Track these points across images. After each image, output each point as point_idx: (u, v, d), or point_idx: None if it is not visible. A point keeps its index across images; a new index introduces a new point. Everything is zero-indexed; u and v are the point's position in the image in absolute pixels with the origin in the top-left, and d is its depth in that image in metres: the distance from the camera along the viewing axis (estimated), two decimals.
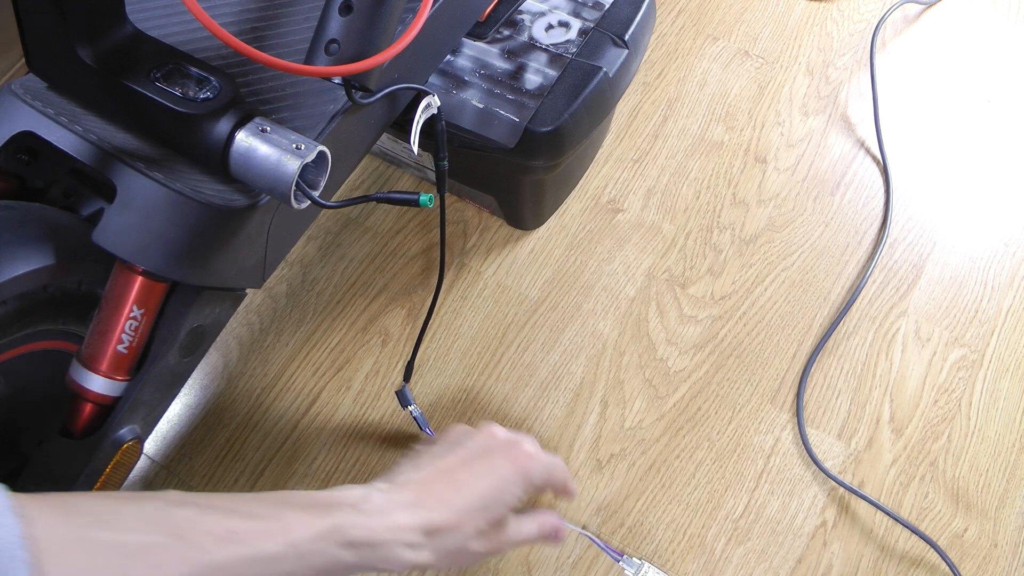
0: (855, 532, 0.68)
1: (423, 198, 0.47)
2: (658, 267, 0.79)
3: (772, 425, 0.72)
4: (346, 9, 0.44)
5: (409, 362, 0.72)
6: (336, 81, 0.48)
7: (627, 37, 0.67)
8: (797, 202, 0.83)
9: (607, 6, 0.69)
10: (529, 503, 0.67)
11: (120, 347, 0.50)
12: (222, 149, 0.46)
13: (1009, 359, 0.75)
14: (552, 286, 0.79)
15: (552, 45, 0.67)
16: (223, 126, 0.45)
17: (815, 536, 0.68)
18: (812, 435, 0.72)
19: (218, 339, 0.69)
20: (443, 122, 0.59)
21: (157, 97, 0.45)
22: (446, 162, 0.59)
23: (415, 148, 0.56)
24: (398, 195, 0.48)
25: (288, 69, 0.43)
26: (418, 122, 0.56)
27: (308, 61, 0.45)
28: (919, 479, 0.70)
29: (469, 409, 0.73)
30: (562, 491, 0.53)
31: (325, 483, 0.70)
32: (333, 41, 0.44)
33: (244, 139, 0.46)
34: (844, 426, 0.72)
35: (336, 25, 0.44)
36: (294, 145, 0.45)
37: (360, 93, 0.49)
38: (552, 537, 0.52)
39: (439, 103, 0.57)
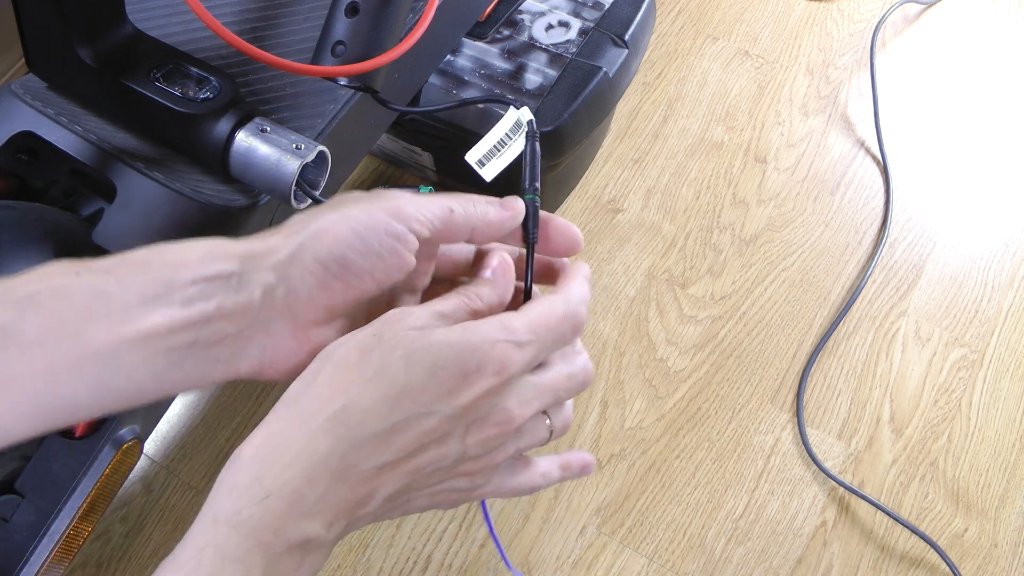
0: (855, 532, 0.68)
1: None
2: (658, 267, 0.79)
3: (772, 425, 0.72)
4: (352, 11, 0.44)
5: None
6: (342, 82, 0.47)
7: (627, 37, 0.68)
8: (797, 202, 0.83)
9: (607, 6, 0.69)
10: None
11: None
12: (222, 149, 0.46)
13: (1009, 359, 0.75)
14: None
15: (552, 45, 0.67)
16: (223, 126, 0.45)
17: (815, 536, 0.68)
18: (812, 435, 0.72)
19: None
20: (537, 141, 0.42)
21: (157, 97, 0.45)
22: (538, 196, 0.39)
23: (489, 176, 0.42)
24: None
25: (294, 69, 0.43)
26: (504, 144, 0.43)
27: (314, 62, 0.45)
28: (919, 479, 0.70)
29: None
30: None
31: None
32: (339, 43, 0.44)
33: (244, 139, 0.46)
34: (844, 426, 0.72)
35: (342, 27, 0.44)
36: (294, 145, 0.45)
37: (373, 96, 0.49)
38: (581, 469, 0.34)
39: (530, 116, 0.42)
